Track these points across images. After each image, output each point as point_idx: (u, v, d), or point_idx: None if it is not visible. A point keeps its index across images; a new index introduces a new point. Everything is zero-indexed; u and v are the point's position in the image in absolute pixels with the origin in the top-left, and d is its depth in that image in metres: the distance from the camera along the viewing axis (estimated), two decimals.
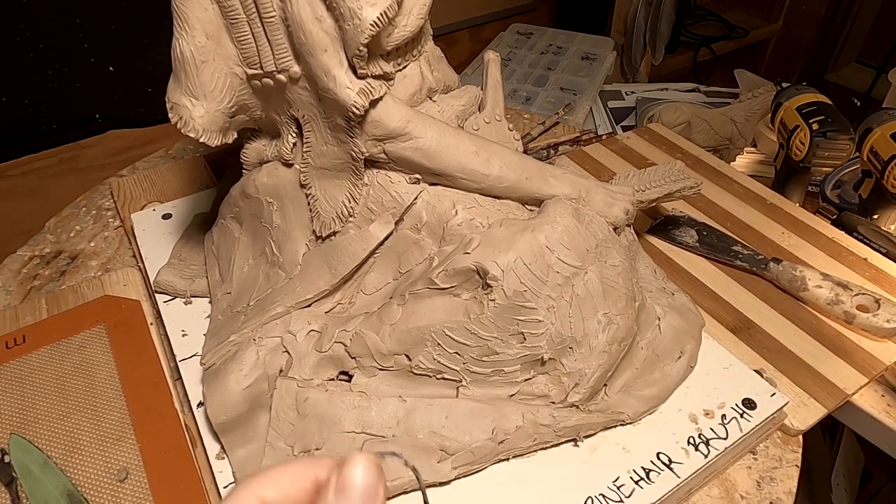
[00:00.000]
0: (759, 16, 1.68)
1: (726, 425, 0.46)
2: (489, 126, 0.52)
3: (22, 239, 0.70)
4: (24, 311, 0.58)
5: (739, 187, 0.73)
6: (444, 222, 0.46)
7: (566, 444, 0.45)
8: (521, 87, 1.25)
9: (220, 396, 0.43)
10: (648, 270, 0.53)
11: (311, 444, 0.42)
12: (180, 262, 0.58)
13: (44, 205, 0.99)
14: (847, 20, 1.67)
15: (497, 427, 0.42)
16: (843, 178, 0.85)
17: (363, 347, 0.44)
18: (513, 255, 0.42)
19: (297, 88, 0.43)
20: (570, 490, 0.42)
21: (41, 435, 0.47)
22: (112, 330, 0.55)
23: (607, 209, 0.48)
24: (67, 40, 0.92)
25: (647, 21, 1.37)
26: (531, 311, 0.42)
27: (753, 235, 0.66)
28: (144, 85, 1.01)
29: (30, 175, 1.01)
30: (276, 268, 0.50)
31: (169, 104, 0.43)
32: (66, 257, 0.67)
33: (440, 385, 0.45)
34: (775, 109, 0.78)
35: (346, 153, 0.45)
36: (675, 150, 0.79)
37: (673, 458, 0.44)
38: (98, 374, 0.52)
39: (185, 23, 0.40)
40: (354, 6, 0.38)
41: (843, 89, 1.70)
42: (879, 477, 0.83)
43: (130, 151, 1.06)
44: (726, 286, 0.60)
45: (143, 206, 0.69)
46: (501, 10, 1.51)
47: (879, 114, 0.70)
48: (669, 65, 1.52)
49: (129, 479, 0.45)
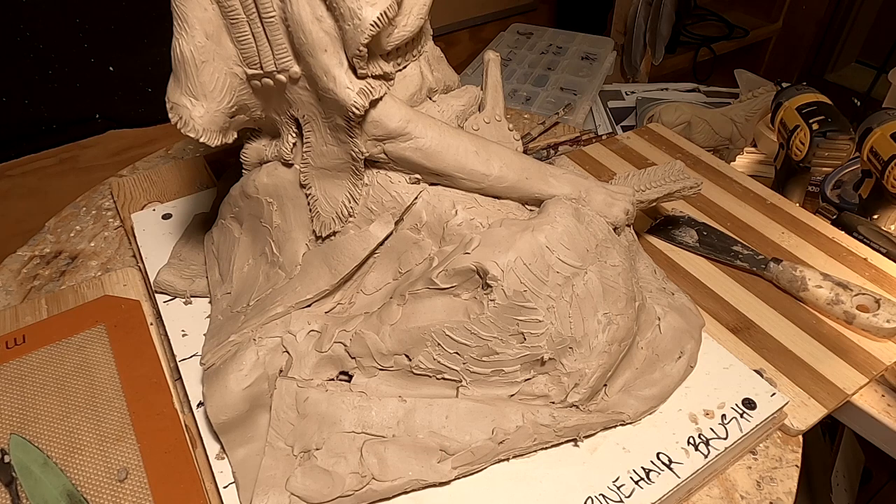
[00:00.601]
0: (759, 16, 1.68)
1: (726, 425, 0.46)
2: (489, 126, 0.52)
3: (22, 239, 0.70)
4: (24, 311, 0.58)
5: (739, 187, 0.73)
6: (443, 222, 0.46)
7: (566, 444, 0.45)
8: (521, 87, 1.25)
9: (220, 396, 0.43)
10: (648, 270, 0.53)
11: (310, 443, 0.42)
12: (180, 262, 0.58)
13: (44, 205, 0.99)
14: (847, 20, 1.67)
15: (497, 427, 0.42)
16: (843, 178, 0.85)
17: (363, 347, 0.44)
18: (513, 255, 0.42)
19: (296, 88, 0.43)
20: (570, 490, 0.42)
21: (41, 435, 0.47)
22: (112, 330, 0.55)
23: (607, 209, 0.48)
24: (67, 40, 0.92)
25: (647, 21, 1.37)
26: (531, 311, 0.42)
27: (753, 235, 0.66)
28: (144, 85, 1.01)
29: (30, 175, 1.01)
30: (276, 268, 0.50)
31: (169, 104, 0.43)
32: (66, 257, 0.67)
33: (440, 385, 0.45)
34: (775, 109, 0.78)
35: (346, 153, 0.45)
36: (675, 150, 0.79)
37: (673, 458, 0.44)
38: (98, 374, 0.52)
39: (185, 23, 0.40)
40: (354, 6, 0.38)
41: (843, 89, 1.70)
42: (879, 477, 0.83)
43: (130, 151, 1.06)
44: (726, 286, 0.60)
45: (143, 206, 0.69)
46: (501, 10, 1.51)
47: (879, 114, 0.70)
48: (669, 65, 1.52)
49: (129, 479, 0.45)
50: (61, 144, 1.02)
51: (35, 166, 1.01)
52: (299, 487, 0.40)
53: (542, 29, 1.49)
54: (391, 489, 0.41)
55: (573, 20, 1.61)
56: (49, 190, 1.03)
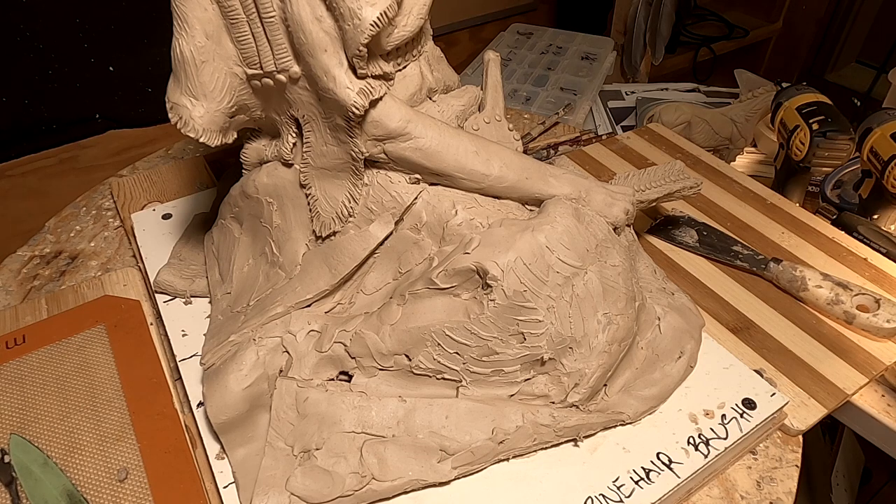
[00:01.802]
0: (759, 16, 1.68)
1: (726, 425, 0.46)
2: (489, 126, 0.52)
3: (22, 239, 0.70)
4: (24, 311, 0.58)
5: (739, 187, 0.73)
6: (443, 222, 0.46)
7: (566, 444, 0.45)
8: (521, 87, 1.25)
9: (220, 396, 0.43)
10: (648, 270, 0.53)
11: (310, 443, 0.42)
12: (180, 263, 0.58)
13: (44, 205, 0.99)
14: (847, 20, 1.67)
15: (497, 427, 0.42)
16: (843, 178, 0.85)
17: (363, 347, 0.44)
18: (513, 255, 0.42)
19: (296, 88, 0.43)
20: (570, 490, 0.42)
21: (41, 435, 0.47)
22: (112, 330, 0.55)
23: (607, 209, 0.48)
24: (67, 40, 0.92)
25: (647, 21, 1.37)
26: (531, 311, 0.42)
27: (753, 235, 0.66)
28: (144, 85, 1.02)
29: (30, 175, 1.01)
30: (275, 268, 0.50)
31: (169, 104, 0.43)
32: (66, 257, 0.67)
33: (440, 385, 0.45)
34: (775, 109, 0.78)
35: (345, 153, 0.45)
36: (675, 150, 0.79)
37: (673, 458, 0.44)
38: (98, 374, 0.52)
39: (185, 23, 0.40)
40: (354, 6, 0.38)
41: (843, 89, 1.70)
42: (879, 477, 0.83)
43: (130, 151, 1.06)
44: (726, 286, 0.60)
45: (143, 206, 0.69)
46: (501, 10, 1.52)
47: (879, 114, 0.70)
48: (669, 65, 1.52)
49: (129, 479, 0.45)
50: (61, 144, 1.02)
51: (35, 166, 1.01)
52: (299, 487, 0.40)
53: (542, 29, 1.49)
54: (391, 489, 0.41)
55: (573, 20, 1.61)
56: (49, 190, 1.03)
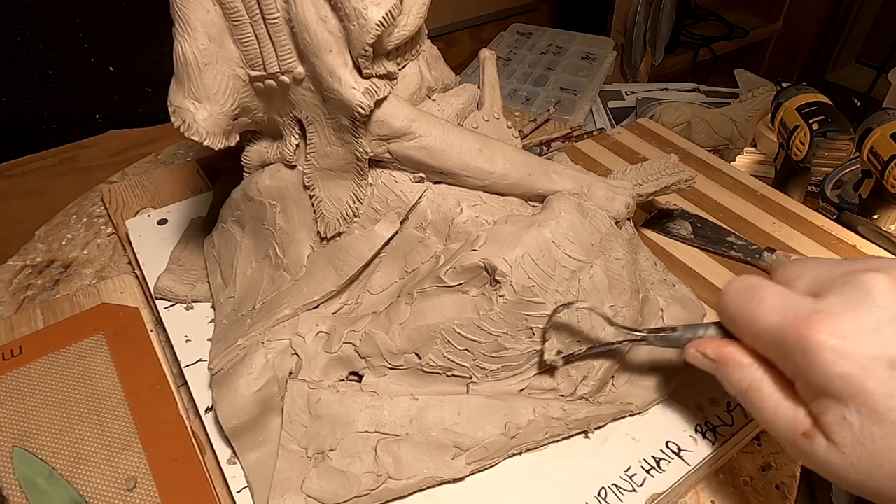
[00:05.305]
0: (759, 16, 1.69)
1: (731, 412, 0.47)
2: (488, 124, 0.52)
3: (22, 239, 0.69)
4: (18, 322, 0.57)
5: (731, 180, 0.74)
6: (449, 220, 0.46)
7: (577, 436, 0.45)
8: (521, 87, 1.26)
9: (230, 401, 0.43)
10: (649, 263, 0.54)
11: (325, 444, 0.42)
12: (180, 268, 0.57)
13: (44, 205, 0.98)
14: (847, 20, 1.68)
15: (509, 422, 0.43)
16: (843, 178, 0.86)
17: (373, 347, 0.44)
18: (520, 250, 0.42)
19: (300, 90, 0.43)
20: (583, 481, 0.43)
21: (44, 446, 0.47)
22: (111, 338, 0.55)
23: (609, 203, 0.48)
24: (67, 40, 0.91)
25: (647, 21, 1.38)
26: (539, 306, 0.43)
27: (745, 226, 0.67)
28: (144, 85, 1.00)
29: (30, 175, 1.00)
30: (280, 270, 0.49)
31: (171, 108, 0.42)
32: (59, 266, 0.66)
33: (450, 382, 0.45)
34: (775, 109, 0.78)
35: (350, 153, 0.45)
36: (665, 145, 0.80)
37: (682, 447, 0.45)
38: (100, 383, 0.51)
39: (187, 25, 0.40)
40: (360, 6, 0.38)
41: (843, 89, 1.71)
42: None
43: (130, 151, 1.05)
44: (723, 276, 0.61)
45: (136, 213, 0.68)
46: (501, 10, 1.52)
47: (879, 114, 0.71)
48: (669, 65, 1.52)
49: (138, 488, 0.44)
50: (61, 144, 1.01)
51: (35, 166, 0.99)
52: (315, 489, 0.40)
53: (542, 29, 1.49)
54: (407, 487, 0.41)
55: (573, 20, 1.61)
56: (49, 190, 1.02)
